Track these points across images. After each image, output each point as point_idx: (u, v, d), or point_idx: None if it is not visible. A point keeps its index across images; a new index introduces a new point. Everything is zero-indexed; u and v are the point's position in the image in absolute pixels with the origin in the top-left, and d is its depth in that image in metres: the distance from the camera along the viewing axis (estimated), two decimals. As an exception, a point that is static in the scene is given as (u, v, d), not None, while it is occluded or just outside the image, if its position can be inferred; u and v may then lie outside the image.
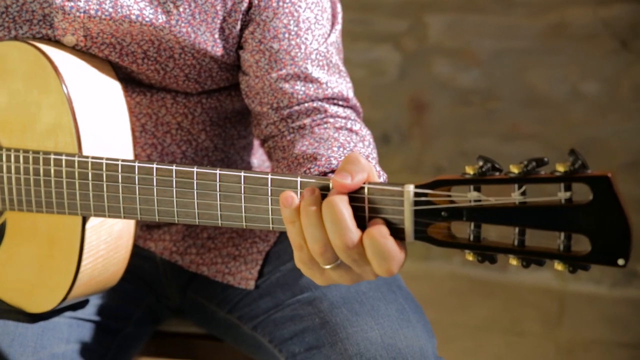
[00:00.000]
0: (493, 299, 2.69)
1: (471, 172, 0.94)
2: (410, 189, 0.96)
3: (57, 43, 1.24)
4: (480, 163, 0.94)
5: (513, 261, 0.94)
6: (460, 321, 2.57)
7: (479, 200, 0.94)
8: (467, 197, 0.94)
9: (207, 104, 1.36)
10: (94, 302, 1.37)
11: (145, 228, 1.42)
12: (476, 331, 2.57)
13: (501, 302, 2.68)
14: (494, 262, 0.96)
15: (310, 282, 1.31)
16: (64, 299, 1.24)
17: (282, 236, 1.40)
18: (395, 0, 2.76)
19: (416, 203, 0.96)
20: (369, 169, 1.00)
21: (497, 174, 0.93)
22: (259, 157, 1.49)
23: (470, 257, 0.96)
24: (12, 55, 1.21)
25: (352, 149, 1.21)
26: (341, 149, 1.21)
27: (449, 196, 0.95)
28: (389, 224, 0.98)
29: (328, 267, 1.01)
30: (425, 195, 0.96)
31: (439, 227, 0.96)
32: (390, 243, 0.96)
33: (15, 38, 1.25)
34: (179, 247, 1.42)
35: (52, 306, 1.25)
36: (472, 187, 0.94)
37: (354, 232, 0.97)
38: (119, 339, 1.39)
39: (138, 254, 1.37)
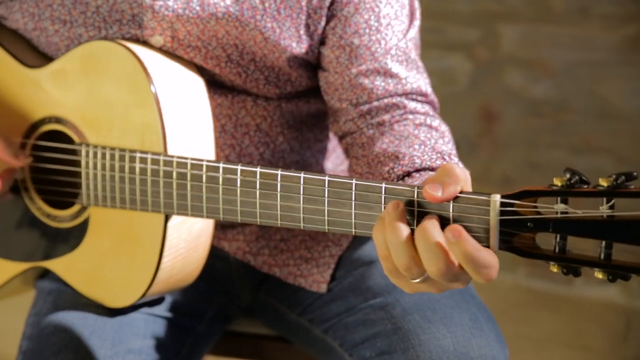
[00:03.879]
0: (558, 312, 2.67)
1: (559, 184, 0.94)
2: (497, 198, 0.96)
3: (145, 44, 1.27)
4: (568, 175, 0.94)
5: (599, 274, 0.93)
6: (524, 333, 2.55)
7: (566, 212, 0.93)
8: (554, 208, 0.93)
9: (286, 107, 1.38)
10: (169, 300, 1.39)
11: (219, 228, 1.44)
12: (540, 344, 2.55)
13: (566, 316, 2.65)
14: (578, 275, 0.96)
15: (383, 287, 1.31)
16: (143, 295, 1.26)
17: (355, 241, 1.40)
18: (469, 9, 2.75)
19: (502, 213, 0.96)
20: (464, 179, 1.00)
21: (586, 186, 0.93)
22: (333, 161, 1.50)
23: (554, 269, 0.95)
24: (102, 55, 1.24)
25: (432, 146, 1.21)
26: (422, 147, 1.21)
27: (536, 207, 0.95)
28: (474, 233, 0.98)
29: (415, 281, 1.01)
30: (512, 205, 0.96)
31: (524, 237, 0.96)
32: (484, 253, 0.96)
33: (105, 38, 1.27)
34: (252, 248, 1.44)
35: (131, 302, 1.28)
36: (559, 199, 0.94)
37: (448, 259, 0.97)
38: (192, 337, 1.40)
39: (212, 253, 1.39)
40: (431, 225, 0.98)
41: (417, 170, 1.18)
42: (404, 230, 0.99)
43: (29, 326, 1.33)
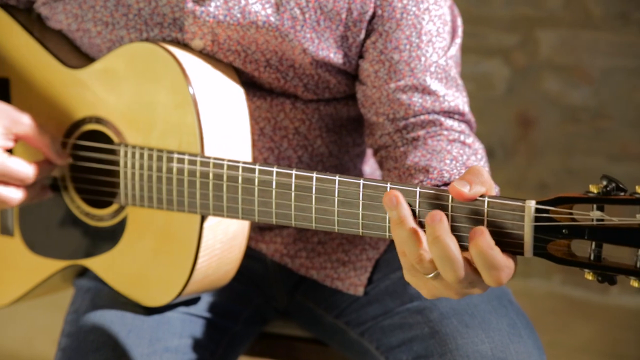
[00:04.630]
0: (592, 320, 2.65)
1: (595, 191, 0.94)
2: (532, 204, 0.96)
3: (185, 46, 1.28)
4: (604, 182, 0.94)
5: (635, 283, 0.93)
6: (559, 341, 2.54)
7: (602, 220, 0.93)
8: (590, 215, 0.93)
9: (325, 110, 1.38)
10: (206, 300, 1.40)
11: (257, 230, 1.45)
12: (574, 352, 2.53)
13: (601, 324, 2.63)
14: (613, 283, 0.95)
15: (420, 291, 1.31)
16: (179, 294, 1.27)
17: (392, 244, 1.41)
18: (507, 15, 2.74)
19: (537, 219, 0.96)
20: (489, 185, 1.01)
21: (622, 194, 0.93)
22: (371, 165, 1.51)
23: (589, 276, 0.95)
24: (142, 56, 1.26)
25: (464, 162, 1.21)
26: (454, 162, 1.21)
27: (571, 214, 0.95)
28: (508, 239, 0.98)
29: (429, 276, 1.01)
30: (547, 211, 0.96)
31: (559, 244, 0.96)
32: (497, 253, 0.96)
33: (146, 40, 1.29)
34: (290, 250, 1.44)
35: (167, 301, 1.29)
36: (595, 206, 0.93)
37: (462, 264, 0.98)
38: (228, 337, 1.41)
39: (249, 255, 1.40)
40: (444, 231, 0.98)
41: (446, 184, 1.18)
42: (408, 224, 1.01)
43: (68, 323, 1.35)
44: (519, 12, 2.73)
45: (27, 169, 1.27)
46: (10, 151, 1.31)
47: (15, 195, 1.27)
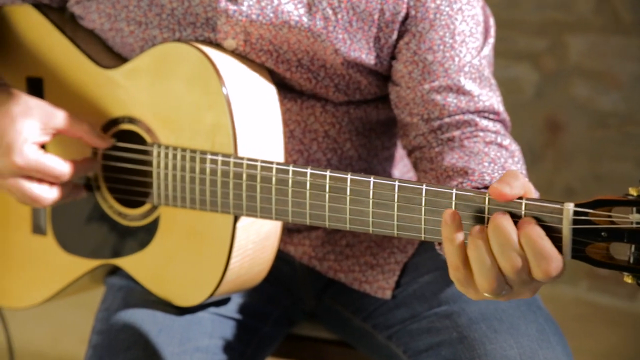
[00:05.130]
0: (619, 327, 2.63)
1: (634, 194, 0.93)
2: (570, 207, 0.96)
3: (217, 46, 1.28)
4: (645, 185, 0.93)
5: (675, 286, 0.92)
6: (585, 347, 2.52)
7: (642, 223, 0.92)
8: (630, 218, 0.93)
9: (354, 114, 1.38)
10: (235, 300, 1.40)
11: (285, 232, 1.45)
12: (600, 358, 2.51)
13: (628, 331, 2.61)
14: (652, 286, 0.94)
15: (449, 296, 1.31)
16: (211, 294, 1.27)
17: (421, 248, 1.40)
18: (537, 19, 2.73)
19: (575, 222, 0.95)
20: (527, 188, 1.00)
21: (662, 197, 0.92)
22: (400, 169, 1.50)
23: (629, 279, 0.95)
24: (175, 56, 1.26)
25: (502, 164, 1.21)
26: (492, 165, 1.20)
27: (610, 217, 0.94)
28: None
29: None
30: (586, 214, 0.95)
31: (597, 247, 0.95)
32: (547, 243, 0.96)
33: (179, 40, 1.29)
34: (318, 253, 1.44)
35: (199, 301, 1.29)
36: (634, 209, 0.93)
37: (520, 251, 0.97)
38: (257, 338, 1.41)
39: (278, 256, 1.40)
40: (505, 221, 0.97)
41: (486, 187, 1.17)
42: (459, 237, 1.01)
43: (99, 321, 1.35)
44: (549, 17, 2.72)
45: (62, 166, 1.27)
46: (44, 148, 1.32)
47: (49, 193, 1.28)
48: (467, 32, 1.29)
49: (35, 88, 1.39)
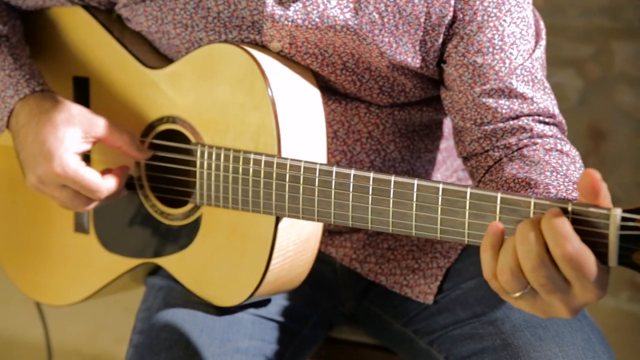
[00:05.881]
0: (660, 338, 2.60)
1: (684, 201, 0.91)
2: (618, 212, 0.94)
3: (263, 48, 1.28)
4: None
5: None
6: (624, 359, 2.49)
7: (691, 230, 0.91)
8: (679, 226, 0.91)
9: (399, 115, 1.38)
10: (275, 302, 1.40)
11: (327, 233, 1.44)
12: (642, 371, 2.49)
13: (669, 343, 2.58)
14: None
15: (492, 302, 1.29)
16: (251, 295, 1.27)
17: (464, 253, 1.39)
18: (583, 25, 2.70)
19: (623, 228, 0.94)
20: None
21: None
22: (442, 172, 1.49)
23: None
24: (221, 57, 1.26)
25: (565, 173, 1.19)
26: (554, 174, 1.18)
27: (658, 223, 0.93)
28: (592, 247, 0.96)
29: (514, 295, 0.99)
30: (633, 220, 0.93)
31: (645, 253, 0.94)
32: (566, 223, 0.94)
33: (225, 41, 1.29)
34: (359, 255, 1.44)
35: (239, 301, 1.29)
36: (683, 216, 0.91)
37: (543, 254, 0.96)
38: (297, 340, 1.41)
39: (319, 258, 1.39)
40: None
41: (550, 199, 1.16)
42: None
43: (140, 321, 1.36)
44: (594, 23, 2.69)
45: (99, 182, 1.27)
46: (87, 158, 1.33)
47: (87, 204, 1.29)
48: (518, 34, 1.27)
49: (82, 87, 1.40)
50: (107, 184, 1.28)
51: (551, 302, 0.99)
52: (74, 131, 1.27)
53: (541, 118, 1.29)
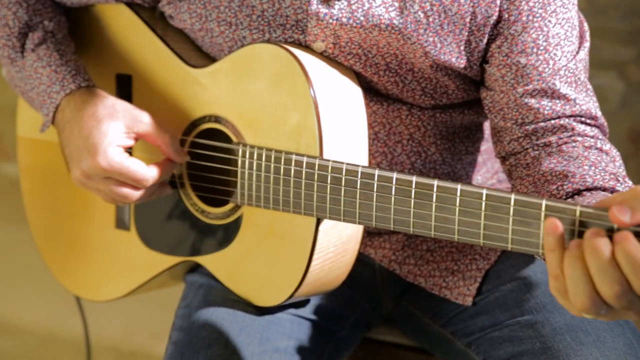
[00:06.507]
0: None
1: None
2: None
3: (306, 48, 1.28)
4: None
5: None
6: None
7: None
8: None
9: (440, 117, 1.37)
10: (314, 302, 1.40)
11: (366, 234, 1.44)
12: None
13: None
14: None
15: (532, 305, 1.29)
16: (291, 296, 1.28)
17: (503, 255, 1.38)
18: (625, 28, 2.68)
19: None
20: None
21: None
22: (483, 175, 1.48)
23: None
24: (263, 57, 1.26)
25: (604, 168, 1.18)
26: (592, 168, 1.18)
27: None
28: None
29: (590, 316, 0.97)
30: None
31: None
32: None
33: (268, 41, 1.29)
34: (398, 256, 1.43)
35: (279, 302, 1.29)
36: None
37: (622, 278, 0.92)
38: (335, 341, 1.41)
39: (358, 259, 1.39)
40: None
41: (588, 190, 1.15)
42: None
43: (179, 318, 1.36)
44: (637, 25, 2.67)
45: (145, 171, 1.28)
46: (130, 151, 1.33)
47: (132, 195, 1.29)
48: (562, 35, 1.27)
49: (124, 85, 1.41)
50: (152, 173, 1.29)
51: (625, 315, 0.96)
52: (117, 125, 1.28)
53: (583, 119, 1.28)
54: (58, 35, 1.40)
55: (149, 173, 1.28)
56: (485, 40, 1.27)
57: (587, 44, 1.31)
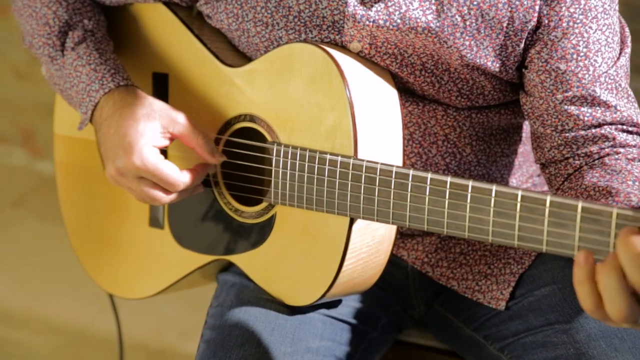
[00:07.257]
0: None
1: None
2: None
3: (342, 48, 1.28)
4: None
5: None
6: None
7: None
8: None
9: (476, 118, 1.36)
10: (346, 303, 1.40)
11: (399, 236, 1.44)
12: None
13: None
14: None
15: (566, 310, 1.28)
16: (323, 296, 1.28)
17: (538, 260, 1.37)
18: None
19: None
20: None
21: None
22: (518, 178, 1.47)
23: None
24: (300, 56, 1.26)
25: None
26: (637, 183, 1.16)
27: None
28: None
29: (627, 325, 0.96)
30: None
31: None
32: None
33: (305, 40, 1.30)
34: (431, 259, 1.43)
35: (311, 301, 1.29)
36: None
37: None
38: (366, 342, 1.41)
39: (390, 260, 1.39)
40: (635, 237, 0.91)
41: (634, 209, 1.13)
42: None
43: (212, 317, 1.37)
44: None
45: (177, 175, 1.28)
46: (164, 154, 1.34)
47: (164, 197, 1.30)
48: (603, 41, 1.25)
49: (161, 83, 1.42)
50: (184, 178, 1.29)
51: None
52: (153, 125, 1.29)
53: (624, 127, 1.26)
54: (97, 34, 1.41)
55: (181, 179, 1.29)
56: (522, 45, 1.26)
57: (628, 50, 1.29)
